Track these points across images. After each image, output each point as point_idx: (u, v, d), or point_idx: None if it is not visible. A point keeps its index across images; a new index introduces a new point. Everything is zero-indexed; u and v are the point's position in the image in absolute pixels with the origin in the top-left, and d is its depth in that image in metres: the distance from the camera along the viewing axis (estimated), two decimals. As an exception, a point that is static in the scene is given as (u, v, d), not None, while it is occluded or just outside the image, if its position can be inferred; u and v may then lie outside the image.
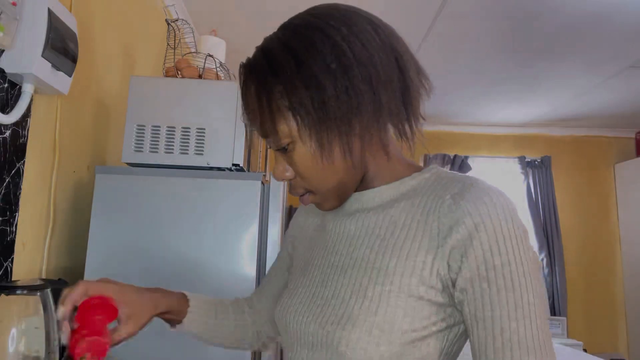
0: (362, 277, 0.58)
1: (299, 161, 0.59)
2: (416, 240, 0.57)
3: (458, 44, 2.68)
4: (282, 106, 0.57)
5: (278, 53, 0.57)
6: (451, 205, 0.56)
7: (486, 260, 0.53)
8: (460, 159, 4.15)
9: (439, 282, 0.55)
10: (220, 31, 1.70)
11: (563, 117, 4.01)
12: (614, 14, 2.30)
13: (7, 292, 0.88)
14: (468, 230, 0.53)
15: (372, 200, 0.64)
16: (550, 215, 4.10)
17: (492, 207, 0.54)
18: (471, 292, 0.53)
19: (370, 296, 0.56)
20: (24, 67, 0.98)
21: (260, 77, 0.58)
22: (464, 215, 0.54)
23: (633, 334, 3.97)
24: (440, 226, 0.56)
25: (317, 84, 0.55)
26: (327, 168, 0.59)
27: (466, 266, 0.53)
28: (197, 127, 1.29)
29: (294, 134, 0.57)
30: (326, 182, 0.60)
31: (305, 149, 0.58)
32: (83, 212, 1.33)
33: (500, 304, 0.52)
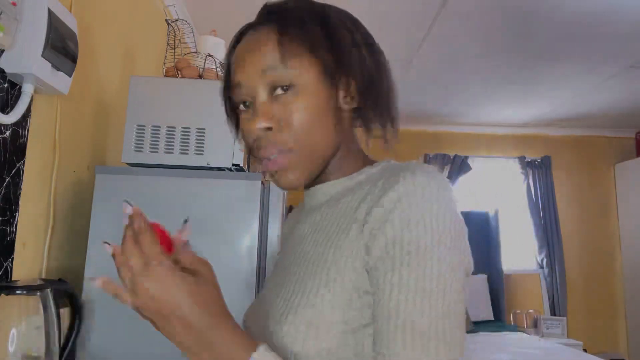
0: (304, 273, 0.58)
1: (299, 108, 0.58)
2: (348, 229, 0.56)
3: (458, 44, 2.68)
4: (300, 48, 0.58)
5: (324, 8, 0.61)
6: (381, 189, 0.54)
7: (395, 238, 0.50)
8: (460, 159, 4.15)
9: (364, 266, 0.53)
10: (220, 31, 1.70)
11: (563, 117, 4.01)
12: (614, 14, 2.30)
13: (7, 292, 0.88)
14: (385, 209, 0.52)
15: (322, 195, 0.65)
16: (550, 215, 4.10)
17: (413, 187, 0.52)
18: (376, 271, 0.51)
19: (308, 290, 0.55)
20: (24, 67, 0.98)
21: (308, 16, 0.60)
22: (385, 195, 0.52)
23: (633, 334, 3.97)
24: (368, 211, 0.54)
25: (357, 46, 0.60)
26: (322, 126, 0.59)
27: (376, 244, 0.51)
28: (197, 127, 1.29)
29: (306, 79, 0.58)
30: (315, 140, 0.59)
31: (312, 97, 0.58)
32: (83, 212, 1.33)
33: (399, 284, 0.49)
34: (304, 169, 0.60)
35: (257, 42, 0.60)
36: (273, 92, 0.59)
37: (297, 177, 0.60)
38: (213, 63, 1.47)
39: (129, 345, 1.17)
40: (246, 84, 0.60)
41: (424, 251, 0.49)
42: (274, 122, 0.58)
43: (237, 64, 0.62)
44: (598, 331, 4.05)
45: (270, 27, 0.60)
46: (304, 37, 0.58)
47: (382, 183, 0.55)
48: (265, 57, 0.58)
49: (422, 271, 0.49)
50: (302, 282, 0.56)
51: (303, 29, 0.59)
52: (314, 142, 0.59)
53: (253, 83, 0.59)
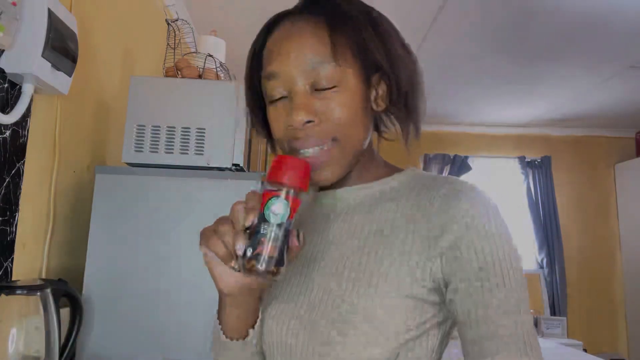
0: (353, 280, 0.56)
1: (341, 104, 0.57)
2: (407, 241, 0.57)
3: (458, 44, 2.68)
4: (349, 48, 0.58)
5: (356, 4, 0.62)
6: (441, 205, 0.56)
7: (478, 259, 0.53)
8: (460, 159, 4.15)
9: (432, 281, 0.55)
10: (220, 31, 1.70)
11: (563, 117, 4.01)
12: (614, 14, 2.30)
13: (7, 292, 0.88)
14: (460, 229, 0.54)
15: (352, 199, 0.64)
16: (550, 215, 4.09)
17: (481, 207, 0.55)
18: (464, 291, 0.53)
19: (364, 298, 0.55)
20: (24, 67, 0.98)
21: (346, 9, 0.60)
22: (456, 215, 0.55)
23: (633, 334, 3.97)
24: (430, 226, 0.56)
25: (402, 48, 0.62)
26: (362, 122, 0.60)
27: (459, 265, 0.54)
28: (197, 127, 1.29)
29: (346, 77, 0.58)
30: (356, 134, 0.59)
31: (351, 95, 0.58)
32: (83, 212, 1.33)
33: (492, 302, 0.52)
34: (342, 165, 0.60)
35: (304, 33, 0.58)
36: (314, 87, 0.58)
37: (334, 172, 0.60)
38: (213, 63, 1.47)
39: (129, 345, 1.17)
40: (286, 75, 0.58)
41: (506, 267, 0.54)
42: (316, 115, 0.57)
43: (278, 54, 0.59)
44: (598, 331, 4.04)
45: (317, 19, 0.58)
46: (354, 35, 0.58)
47: (440, 200, 0.57)
48: (314, 51, 0.57)
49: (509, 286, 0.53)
50: (353, 291, 0.56)
51: (354, 26, 0.58)
52: (353, 139, 0.59)
53: (295, 75, 0.58)
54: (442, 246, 0.55)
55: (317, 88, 0.57)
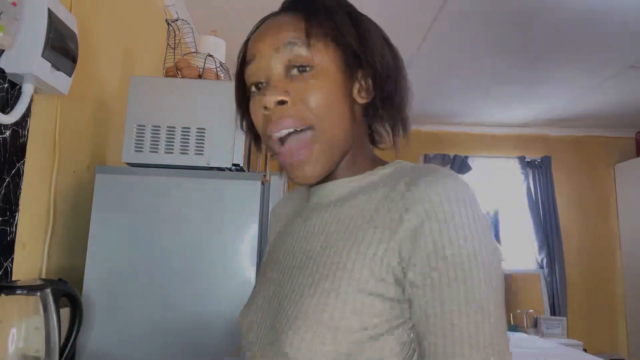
0: (314, 274, 0.55)
1: (313, 87, 0.57)
2: (368, 232, 0.54)
3: (458, 44, 2.68)
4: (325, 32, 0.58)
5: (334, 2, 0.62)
6: (404, 192, 0.53)
7: (437, 250, 0.49)
8: (460, 159, 4.15)
9: (391, 274, 0.51)
10: (220, 31, 1.70)
11: (563, 117, 4.01)
12: (614, 15, 2.30)
13: (7, 292, 0.88)
14: (419, 217, 0.50)
15: (332, 193, 0.63)
16: (550, 215, 4.09)
17: (444, 193, 0.50)
18: (421, 285, 0.49)
19: (320, 293, 0.53)
20: (24, 67, 0.98)
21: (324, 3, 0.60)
22: (415, 202, 0.51)
23: (633, 334, 3.97)
24: (391, 215, 0.53)
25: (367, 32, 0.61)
26: (342, 109, 0.59)
27: (416, 256, 0.50)
28: (197, 127, 1.29)
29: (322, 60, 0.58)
30: (335, 122, 0.58)
31: (327, 79, 0.58)
32: (83, 212, 1.33)
33: (450, 298, 0.48)
34: (325, 162, 0.58)
35: (281, 22, 0.60)
36: (290, 71, 0.58)
37: (316, 170, 0.58)
38: (213, 63, 1.47)
39: (128, 346, 1.17)
40: (262, 58, 0.58)
41: (468, 260, 0.48)
42: (290, 96, 0.57)
43: (255, 40, 0.61)
44: (598, 331, 4.04)
45: (296, 13, 0.60)
46: (330, 22, 0.59)
47: (403, 187, 0.53)
48: (287, 33, 0.58)
49: (471, 282, 0.48)
50: (314, 286, 0.54)
51: (330, 15, 0.59)
52: (332, 128, 0.58)
53: (269, 57, 0.58)
54: (399, 236, 0.51)
55: (292, 73, 0.58)
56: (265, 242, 1.27)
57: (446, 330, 0.48)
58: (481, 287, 0.48)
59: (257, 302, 0.63)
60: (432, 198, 0.50)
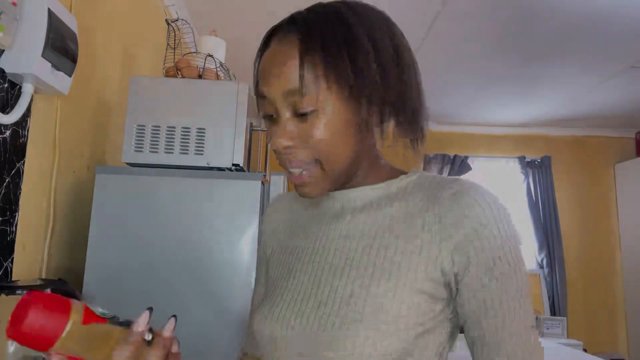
0: (363, 276, 0.58)
1: (324, 127, 0.57)
2: (417, 237, 0.58)
3: (458, 44, 2.68)
4: (321, 72, 0.57)
5: (351, 20, 0.59)
6: (452, 203, 0.58)
7: (491, 255, 0.55)
8: (460, 159, 4.15)
9: (442, 276, 0.57)
10: (220, 31, 1.70)
11: (563, 117, 4.01)
12: (614, 14, 2.30)
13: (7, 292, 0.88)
14: (473, 226, 0.56)
15: (359, 199, 0.65)
16: (550, 215, 4.09)
17: (493, 206, 0.57)
18: (476, 286, 0.56)
19: (375, 293, 0.56)
20: (24, 67, 0.98)
21: (332, 35, 0.58)
22: (468, 212, 0.57)
23: (633, 334, 3.97)
24: (442, 223, 0.57)
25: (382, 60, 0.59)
26: (346, 141, 0.59)
27: (472, 261, 0.56)
28: (197, 127, 1.29)
29: (330, 98, 0.57)
30: (340, 155, 0.59)
31: (337, 116, 0.58)
32: (83, 212, 1.33)
33: (504, 297, 0.55)
34: (325, 184, 0.62)
35: (280, 57, 0.59)
36: (294, 114, 0.59)
37: (318, 191, 0.62)
38: (213, 63, 1.47)
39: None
40: (270, 99, 0.60)
41: (516, 257, 0.57)
42: (296, 140, 0.59)
43: (262, 77, 0.61)
44: (598, 331, 4.04)
45: (292, 40, 0.58)
46: (325, 59, 0.57)
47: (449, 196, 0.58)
48: (287, 79, 0.57)
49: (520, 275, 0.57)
50: (368, 286, 0.57)
51: (325, 49, 0.57)
52: (337, 159, 0.60)
53: (276, 101, 0.59)
54: (454, 242, 0.56)
55: (298, 113, 0.59)
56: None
57: (505, 323, 0.56)
58: (524, 287, 0.57)
59: (282, 304, 0.63)
60: (484, 209, 0.57)
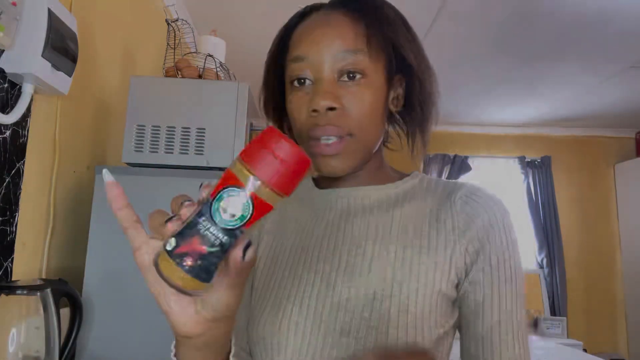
0: (384, 278, 0.56)
1: (363, 97, 0.57)
2: (432, 238, 0.59)
3: (458, 44, 2.68)
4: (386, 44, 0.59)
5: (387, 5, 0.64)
6: (464, 205, 0.60)
7: (498, 253, 0.58)
8: (460, 159, 4.15)
9: (456, 276, 0.58)
10: (220, 31, 1.70)
11: (563, 117, 4.01)
12: (614, 15, 2.30)
13: (7, 292, 0.88)
14: (484, 226, 0.58)
15: (367, 199, 0.63)
16: (550, 215, 4.09)
17: (499, 208, 0.60)
18: (481, 282, 0.57)
19: (398, 295, 0.55)
20: (24, 67, 0.98)
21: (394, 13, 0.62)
22: (480, 213, 0.59)
23: (633, 334, 3.97)
24: (454, 224, 0.59)
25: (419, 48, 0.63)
26: (379, 119, 0.61)
27: (481, 258, 0.57)
28: (197, 127, 1.29)
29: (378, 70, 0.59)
30: (371, 130, 0.60)
31: (374, 88, 0.59)
32: (83, 212, 1.33)
33: (505, 293, 0.57)
34: (355, 158, 0.59)
35: (340, 23, 0.58)
36: (340, 77, 0.57)
37: (346, 164, 0.59)
38: (213, 63, 1.47)
39: (128, 346, 1.17)
40: (316, 60, 0.57)
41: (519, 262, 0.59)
42: (340, 103, 0.56)
43: (308, 38, 0.58)
44: (598, 331, 4.04)
45: (354, 14, 0.59)
46: (391, 33, 0.59)
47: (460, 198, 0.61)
48: (347, 40, 0.57)
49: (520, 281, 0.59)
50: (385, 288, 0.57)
51: (391, 26, 0.60)
52: (369, 136, 0.60)
53: (324, 61, 0.57)
54: (466, 241, 0.58)
55: (344, 77, 0.57)
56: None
57: (502, 319, 0.57)
58: (522, 286, 0.59)
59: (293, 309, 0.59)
60: (494, 211, 0.59)
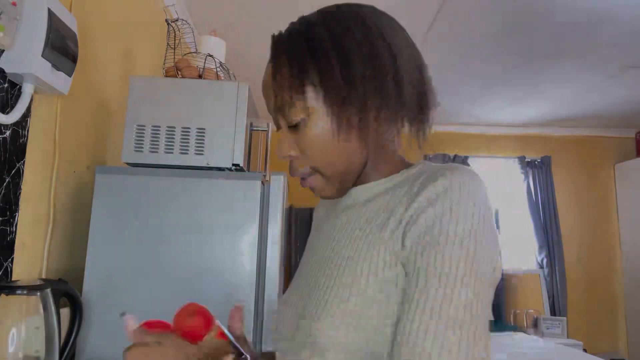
0: (338, 267, 0.59)
1: (311, 138, 0.60)
2: (383, 229, 0.57)
3: (458, 44, 2.68)
4: (308, 80, 0.59)
5: (317, 30, 0.60)
6: (419, 188, 0.56)
7: (427, 227, 0.52)
8: (460, 159, 4.15)
9: (397, 259, 0.54)
10: (220, 31, 1.70)
11: (563, 117, 4.01)
12: (614, 14, 2.30)
13: (7, 292, 0.88)
14: (421, 205, 0.54)
15: (361, 196, 0.66)
16: (550, 215, 4.09)
17: (451, 183, 0.53)
18: (411, 260, 0.53)
19: (343, 283, 0.56)
20: (24, 67, 0.98)
21: (295, 49, 0.60)
22: (424, 190, 0.55)
23: (633, 334, 3.97)
24: (403, 209, 0.56)
25: (350, 63, 0.58)
26: (338, 148, 0.60)
27: (411, 234, 0.53)
28: (197, 127, 1.29)
29: (312, 110, 0.59)
30: (334, 163, 0.61)
31: (321, 126, 0.59)
32: (83, 212, 1.33)
33: (429, 271, 0.50)
34: (337, 184, 0.64)
35: (267, 81, 0.63)
36: (289, 126, 0.62)
37: (332, 191, 0.65)
38: (213, 63, 1.47)
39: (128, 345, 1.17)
40: (270, 113, 0.65)
41: (452, 242, 0.50)
42: (295, 150, 0.63)
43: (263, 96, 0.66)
44: (598, 331, 4.04)
45: (280, 63, 0.61)
46: (315, 69, 0.59)
47: (420, 181, 0.57)
48: (271, 99, 0.63)
49: (449, 261, 0.50)
50: (337, 276, 0.58)
51: (315, 59, 0.58)
52: (338, 163, 0.62)
53: (273, 116, 0.64)
54: (405, 221, 0.55)
55: (290, 127, 0.62)
56: (265, 242, 1.27)
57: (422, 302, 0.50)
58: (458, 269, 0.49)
59: (291, 291, 0.68)
60: (439, 187, 0.53)
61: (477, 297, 0.49)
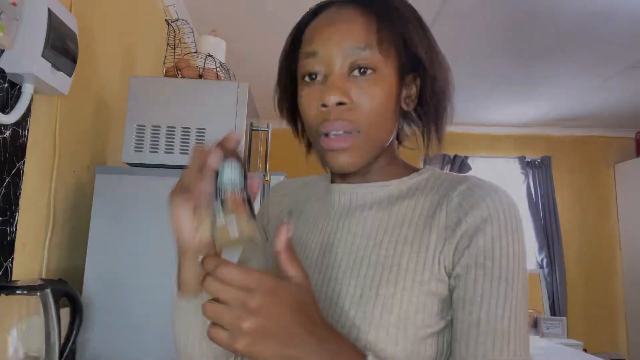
0: (373, 276, 0.56)
1: (375, 92, 0.58)
2: (424, 236, 0.57)
3: (458, 44, 2.68)
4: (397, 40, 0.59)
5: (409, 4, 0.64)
6: (460, 201, 0.57)
7: (486, 250, 0.54)
8: (460, 159, 4.15)
9: (446, 275, 0.56)
10: (220, 31, 1.70)
11: (563, 117, 4.01)
12: (614, 14, 2.30)
13: (7, 292, 0.88)
14: (475, 223, 0.55)
15: (368, 196, 0.63)
16: (550, 215, 4.09)
17: (499, 203, 0.56)
18: (464, 278, 0.54)
19: (384, 294, 0.55)
20: (24, 67, 0.98)
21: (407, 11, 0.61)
22: (473, 209, 0.55)
23: (633, 334, 3.97)
24: (448, 221, 0.57)
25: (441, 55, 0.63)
26: (389, 114, 0.60)
27: (466, 254, 0.54)
28: (197, 127, 1.29)
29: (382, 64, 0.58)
30: (379, 125, 0.59)
31: (385, 83, 0.58)
32: (83, 212, 1.33)
33: (491, 292, 0.53)
34: (363, 155, 0.59)
35: (351, 18, 0.59)
36: (351, 72, 0.58)
37: (355, 160, 0.59)
38: (213, 63, 1.47)
39: (128, 345, 1.17)
40: (326, 55, 0.58)
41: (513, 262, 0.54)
42: (349, 98, 0.57)
43: (320, 34, 0.59)
44: (598, 331, 4.04)
45: (365, 9, 0.59)
46: (402, 29, 0.59)
47: (459, 194, 0.58)
48: (358, 35, 0.58)
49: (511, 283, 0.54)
50: (372, 287, 0.56)
51: (402, 21, 0.59)
52: (379, 131, 0.60)
53: (335, 56, 0.58)
54: (456, 238, 0.56)
55: (353, 74, 0.58)
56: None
57: (482, 319, 0.53)
58: (518, 288, 0.54)
59: None
60: (489, 207, 0.55)
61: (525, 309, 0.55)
